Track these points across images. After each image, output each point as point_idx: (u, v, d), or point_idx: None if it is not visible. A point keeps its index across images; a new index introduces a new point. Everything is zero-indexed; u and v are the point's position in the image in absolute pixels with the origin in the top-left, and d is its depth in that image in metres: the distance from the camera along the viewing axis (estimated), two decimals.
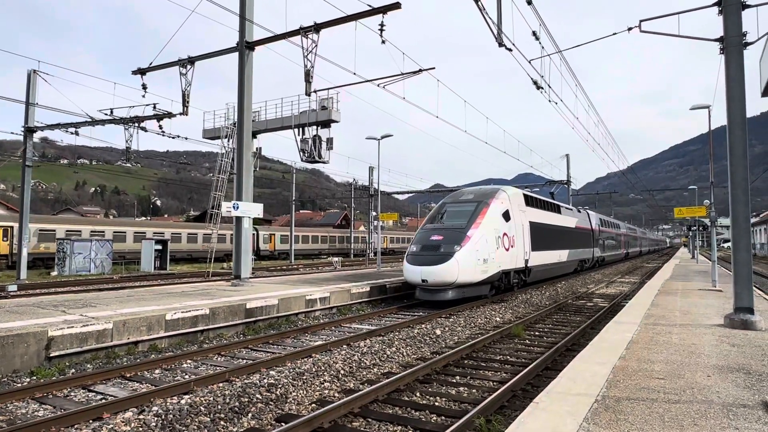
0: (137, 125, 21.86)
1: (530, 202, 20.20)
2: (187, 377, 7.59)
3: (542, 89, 13.35)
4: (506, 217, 16.90)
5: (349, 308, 14.60)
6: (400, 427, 5.74)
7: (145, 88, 17.98)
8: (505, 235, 16.45)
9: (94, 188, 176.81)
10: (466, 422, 5.49)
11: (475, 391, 7.07)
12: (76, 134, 24.43)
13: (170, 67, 17.25)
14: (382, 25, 12.86)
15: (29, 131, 24.85)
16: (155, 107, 20.33)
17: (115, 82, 19.99)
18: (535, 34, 12.15)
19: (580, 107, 46.96)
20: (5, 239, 32.33)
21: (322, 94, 19.64)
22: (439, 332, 11.06)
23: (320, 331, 11.52)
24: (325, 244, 59.26)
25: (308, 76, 14.51)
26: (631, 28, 9.62)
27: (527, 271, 18.93)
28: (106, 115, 21.69)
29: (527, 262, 18.51)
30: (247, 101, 16.34)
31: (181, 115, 18.40)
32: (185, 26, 16.04)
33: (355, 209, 72.96)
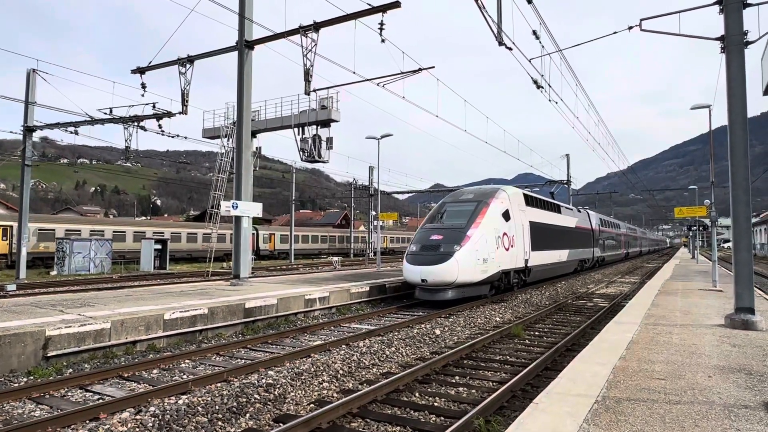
0: (136, 124, 21.83)
1: (530, 201, 20.16)
2: (185, 377, 7.55)
3: (542, 88, 13.32)
4: (506, 216, 16.86)
5: (348, 308, 14.56)
6: (398, 427, 5.70)
7: (144, 87, 17.95)
8: (504, 234, 16.42)
9: (94, 188, 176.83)
10: (465, 423, 5.45)
11: (474, 391, 7.03)
12: (75, 134, 24.42)
13: (169, 66, 17.21)
14: (381, 24, 12.83)
15: (29, 130, 24.83)
16: (155, 106, 20.32)
17: (114, 81, 19.96)
18: (535, 33, 12.11)
19: (580, 107, 46.97)
20: (5, 238, 32.29)
21: (321, 93, 19.64)
22: (438, 332, 11.03)
23: (319, 330, 11.49)
24: (324, 243, 59.23)
25: (308, 75, 14.48)
26: (631, 27, 9.58)
27: (527, 270, 18.89)
28: (105, 114, 21.66)
29: (527, 261, 18.47)
30: (246, 100, 16.30)
31: (180, 114, 18.38)
32: (185, 25, 16.02)
33: (355, 209, 72.90)
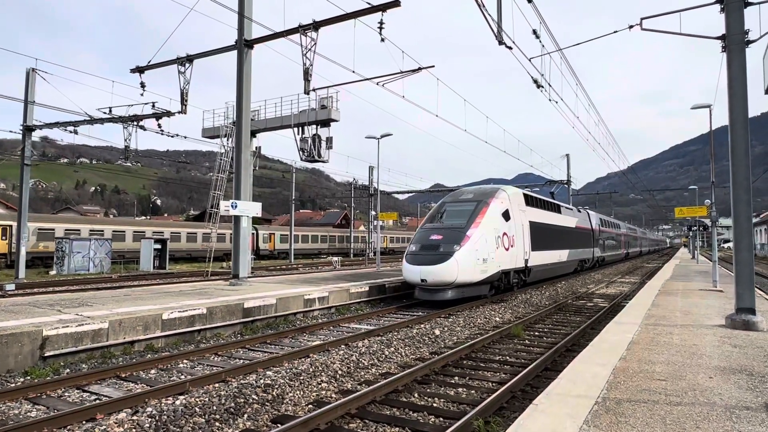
0: (136, 124, 21.80)
1: (530, 201, 20.12)
2: (183, 377, 7.51)
3: (542, 88, 13.28)
4: (506, 216, 16.82)
5: (347, 308, 14.52)
6: (397, 428, 5.66)
7: (143, 86, 17.92)
8: (504, 234, 16.37)
9: (94, 187, 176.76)
10: (464, 424, 5.41)
11: (473, 392, 6.99)
12: (75, 133, 24.39)
13: (169, 65, 17.17)
14: (381, 23, 12.79)
15: (28, 130, 24.80)
16: (154, 106, 20.28)
17: (113, 80, 19.93)
18: (535, 32, 12.07)
19: (580, 106, 46.92)
20: (4, 238, 32.26)
21: (321, 93, 19.62)
22: (438, 332, 10.98)
23: (318, 331, 11.45)
24: (324, 243, 59.20)
25: (307, 74, 14.43)
26: (632, 26, 9.55)
27: (527, 270, 18.85)
28: (104, 113, 21.63)
29: (527, 261, 18.43)
30: (245, 100, 16.26)
31: (179, 113, 18.34)
32: (185, 25, 15.97)
33: (354, 209, 72.87)
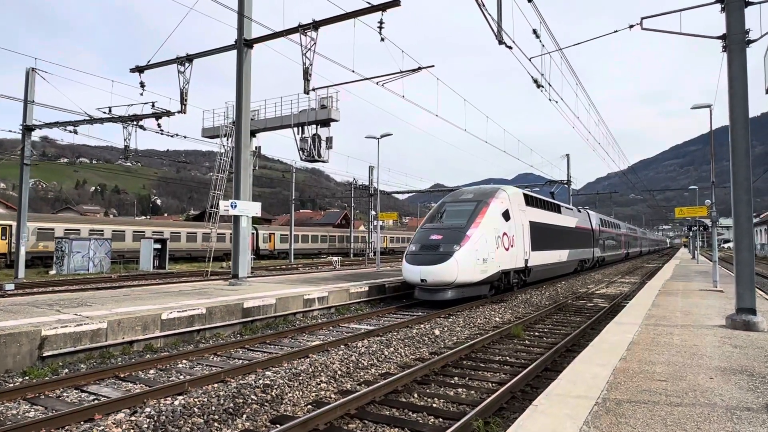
0: (135, 124, 21.79)
1: (530, 201, 20.10)
2: (181, 377, 7.49)
3: (542, 88, 13.25)
4: (506, 216, 16.80)
5: (347, 308, 14.50)
6: (397, 429, 5.64)
7: (143, 86, 17.90)
8: (504, 234, 16.35)
9: (94, 187, 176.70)
10: (463, 424, 5.38)
11: (473, 392, 6.97)
12: (74, 132, 24.38)
13: (168, 64, 17.14)
14: (381, 22, 12.77)
15: (28, 129, 24.78)
16: (153, 105, 20.27)
17: (113, 80, 19.89)
18: (535, 32, 12.05)
19: (580, 106, 46.90)
20: (4, 238, 32.24)
21: (321, 93, 19.62)
22: (437, 332, 10.96)
23: (318, 331, 11.43)
24: (324, 243, 59.17)
25: (307, 74, 14.41)
26: (632, 25, 9.52)
27: (527, 271, 18.82)
28: (104, 113, 21.62)
29: (527, 261, 18.41)
30: (245, 99, 16.24)
31: (179, 113, 18.33)
32: (184, 25, 15.95)
33: (354, 209, 72.86)
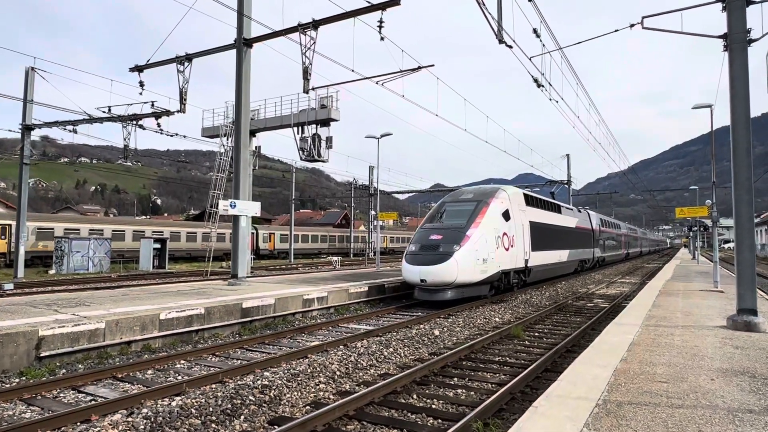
0: (135, 123, 21.75)
1: (530, 201, 20.05)
2: (179, 378, 7.45)
3: (543, 87, 13.21)
4: (506, 216, 16.75)
5: (346, 308, 14.46)
6: (395, 430, 5.60)
7: (142, 85, 17.85)
8: (504, 234, 16.31)
9: (94, 187, 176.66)
10: (463, 426, 5.34)
11: (473, 393, 6.92)
12: (74, 132, 24.33)
13: (167, 64, 17.09)
14: (381, 22, 12.73)
15: (27, 129, 24.74)
16: (153, 105, 20.22)
17: (112, 79, 19.83)
18: (535, 31, 12.00)
19: (580, 106, 46.86)
20: (3, 237, 32.20)
21: (321, 92, 19.57)
22: (437, 333, 10.92)
23: (317, 331, 11.39)
24: (324, 243, 59.13)
25: (306, 73, 14.37)
26: (633, 24, 9.48)
27: (527, 271, 18.78)
28: (104, 112, 21.57)
29: (527, 262, 18.36)
30: (245, 99, 16.20)
31: (178, 112, 18.29)
32: (184, 24, 15.89)
33: (355, 209, 72.83)
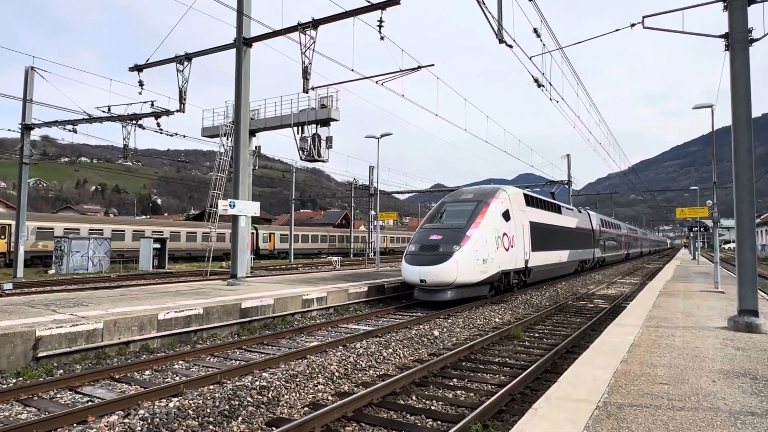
0: (135, 123, 21.72)
1: (531, 201, 20.01)
2: (177, 379, 7.41)
3: (543, 87, 13.17)
4: (506, 216, 16.71)
5: (346, 308, 14.42)
6: (394, 431, 5.56)
7: (141, 85, 17.81)
8: (504, 235, 16.26)
9: (94, 187, 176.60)
10: (462, 427, 5.30)
11: (472, 394, 6.88)
12: (73, 132, 24.32)
13: (167, 63, 17.05)
14: (380, 21, 12.69)
15: (27, 128, 24.72)
16: (153, 104, 20.19)
17: (111, 78, 19.80)
18: (536, 31, 11.96)
19: (581, 106, 46.79)
20: (3, 237, 32.17)
21: (321, 92, 19.54)
22: (437, 333, 10.88)
23: (316, 331, 11.35)
24: (324, 243, 59.09)
25: (306, 73, 14.33)
26: (634, 24, 9.44)
27: (527, 271, 18.73)
28: (103, 112, 21.54)
29: (527, 262, 18.32)
30: (244, 98, 16.16)
31: (178, 112, 18.25)
32: (184, 24, 15.86)
33: (355, 209, 72.79)
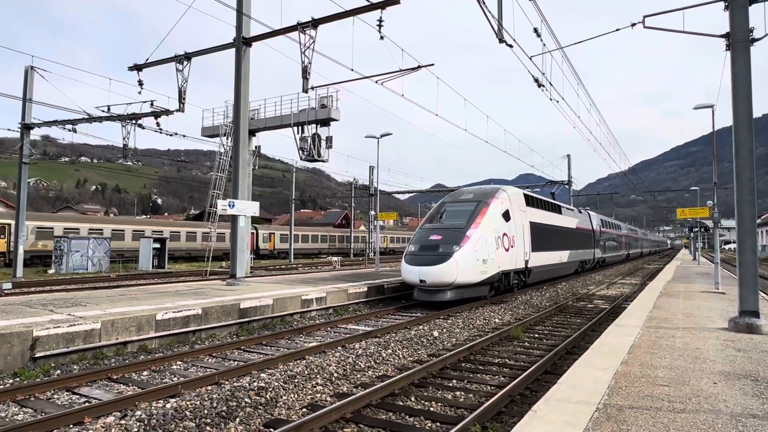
0: (134, 122, 21.69)
1: (531, 202, 19.97)
2: (175, 379, 7.37)
3: (543, 87, 13.13)
4: (506, 217, 16.67)
5: (345, 309, 14.38)
6: None
7: (141, 84, 17.78)
8: (504, 235, 16.22)
9: (95, 186, 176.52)
10: (461, 429, 5.26)
11: (472, 395, 6.84)
12: (73, 131, 24.30)
13: (166, 63, 17.02)
14: (380, 20, 12.66)
15: (26, 128, 24.71)
16: (152, 104, 20.16)
17: (110, 78, 19.76)
18: (536, 30, 11.93)
19: (581, 106, 46.79)
20: (2, 236, 32.15)
21: (321, 92, 19.51)
22: (436, 334, 10.84)
23: (315, 332, 11.31)
24: (324, 243, 59.06)
25: (305, 72, 14.30)
26: (635, 23, 9.40)
27: (527, 271, 18.69)
28: (103, 112, 21.52)
29: (527, 262, 18.27)
30: (244, 98, 16.12)
31: (177, 111, 18.22)
32: (184, 24, 15.84)
33: (355, 209, 72.75)
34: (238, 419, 5.73)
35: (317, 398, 6.62)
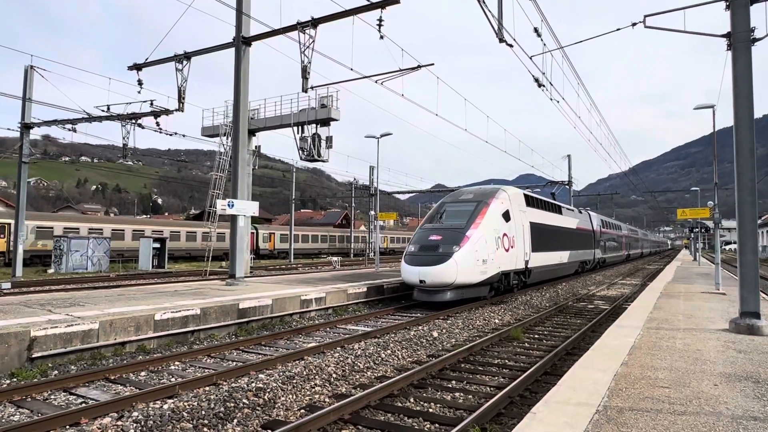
0: (134, 122, 21.68)
1: (531, 202, 19.93)
2: (173, 380, 7.33)
3: (543, 87, 13.09)
4: (506, 217, 16.63)
5: (345, 309, 14.34)
6: None
7: (140, 84, 17.73)
8: (504, 235, 16.19)
9: (95, 186, 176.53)
10: (460, 431, 5.23)
11: (471, 397, 6.81)
12: (73, 131, 24.29)
13: (166, 62, 16.98)
14: (380, 20, 12.62)
15: (26, 127, 24.69)
16: (152, 104, 20.14)
17: (110, 77, 19.73)
18: (536, 30, 11.89)
19: (582, 107, 46.77)
20: (2, 236, 32.13)
21: (321, 91, 19.50)
22: (436, 334, 10.80)
23: (314, 332, 11.27)
24: (324, 243, 59.03)
25: (305, 72, 14.27)
26: (635, 23, 9.36)
27: (527, 272, 18.65)
28: (103, 111, 21.50)
29: (527, 263, 18.23)
30: (243, 98, 16.09)
31: (177, 111, 18.19)
32: (184, 23, 15.83)
33: (355, 209, 72.71)
34: (235, 420, 5.70)
35: (316, 399, 6.59)
